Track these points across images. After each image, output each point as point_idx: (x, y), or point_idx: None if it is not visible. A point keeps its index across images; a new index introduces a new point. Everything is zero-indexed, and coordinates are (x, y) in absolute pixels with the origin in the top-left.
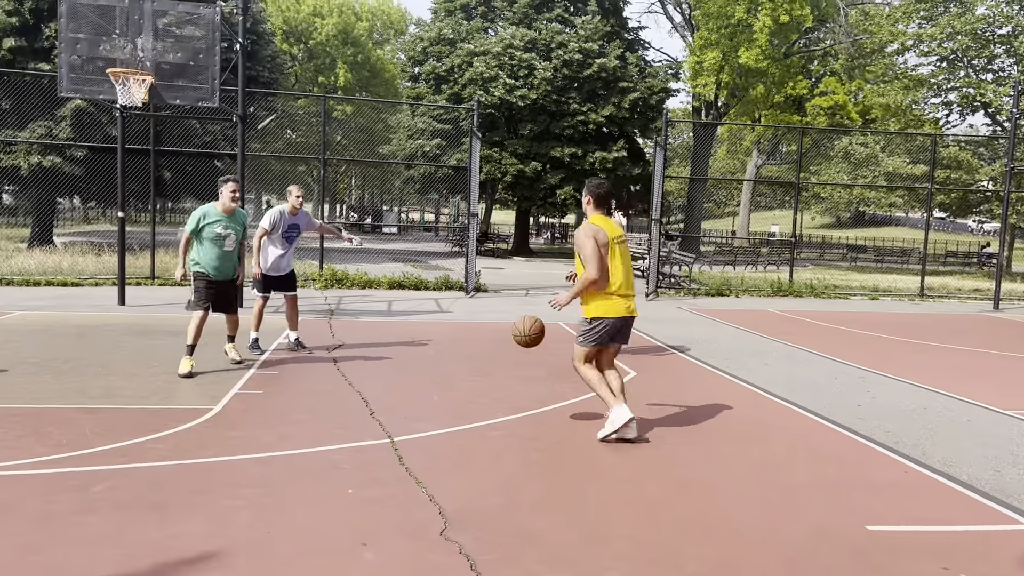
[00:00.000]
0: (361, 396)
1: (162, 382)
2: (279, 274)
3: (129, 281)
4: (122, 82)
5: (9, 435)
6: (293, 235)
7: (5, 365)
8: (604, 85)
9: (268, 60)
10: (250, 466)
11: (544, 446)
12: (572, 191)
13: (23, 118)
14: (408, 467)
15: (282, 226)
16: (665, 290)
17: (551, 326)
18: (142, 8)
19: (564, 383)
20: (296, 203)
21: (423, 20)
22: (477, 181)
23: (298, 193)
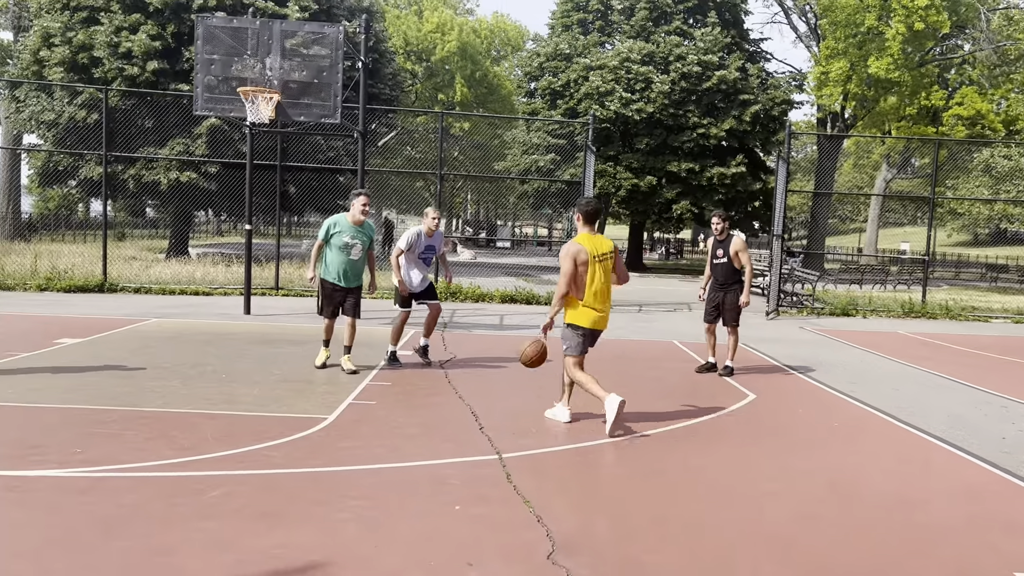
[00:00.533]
0: (471, 410)
1: (282, 390)
2: (419, 289)
3: (255, 291)
4: (251, 100)
5: (139, 437)
6: (429, 256)
7: (138, 369)
8: (724, 98)
9: (389, 78)
10: (360, 477)
11: (655, 469)
12: (689, 206)
13: (164, 136)
14: (516, 485)
15: (418, 247)
16: (787, 309)
17: (665, 344)
18: (271, 29)
19: (672, 403)
20: (432, 224)
21: (540, 36)
22: (592, 195)
23: (434, 215)
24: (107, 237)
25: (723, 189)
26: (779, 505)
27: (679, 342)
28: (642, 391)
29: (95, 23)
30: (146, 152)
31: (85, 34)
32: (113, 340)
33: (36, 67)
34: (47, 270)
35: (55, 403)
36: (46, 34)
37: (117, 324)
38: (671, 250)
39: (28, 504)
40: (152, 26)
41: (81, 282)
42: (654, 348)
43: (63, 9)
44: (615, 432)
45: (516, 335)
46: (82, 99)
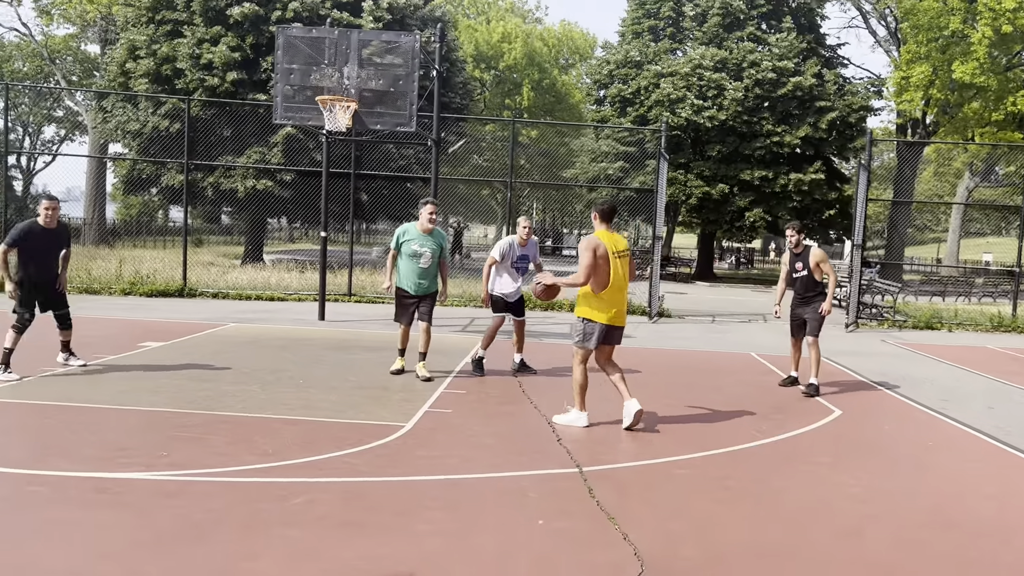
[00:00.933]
0: (548, 421)
1: (359, 397)
2: (511, 299)
3: (328, 297)
4: (329, 109)
5: (221, 441)
6: (523, 266)
7: (219, 373)
8: (799, 104)
9: (460, 87)
10: (440, 488)
11: (740, 487)
12: (762, 214)
13: (241, 145)
14: (598, 500)
15: (511, 257)
16: (866, 321)
17: (742, 356)
18: (349, 39)
19: (754, 418)
20: (524, 234)
21: (610, 43)
22: (663, 203)
23: (526, 224)
24: (187, 243)
25: (798, 197)
26: (878, 529)
27: (757, 354)
28: (721, 404)
29: (178, 36)
30: (225, 160)
31: (169, 46)
32: (193, 344)
33: (122, 79)
34: (131, 275)
35: (140, 406)
36: (132, 47)
37: (197, 328)
38: (741, 259)
39: (117, 506)
40: (232, 38)
41: (162, 287)
42: (731, 360)
43: (148, 23)
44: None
45: None
46: (165, 109)
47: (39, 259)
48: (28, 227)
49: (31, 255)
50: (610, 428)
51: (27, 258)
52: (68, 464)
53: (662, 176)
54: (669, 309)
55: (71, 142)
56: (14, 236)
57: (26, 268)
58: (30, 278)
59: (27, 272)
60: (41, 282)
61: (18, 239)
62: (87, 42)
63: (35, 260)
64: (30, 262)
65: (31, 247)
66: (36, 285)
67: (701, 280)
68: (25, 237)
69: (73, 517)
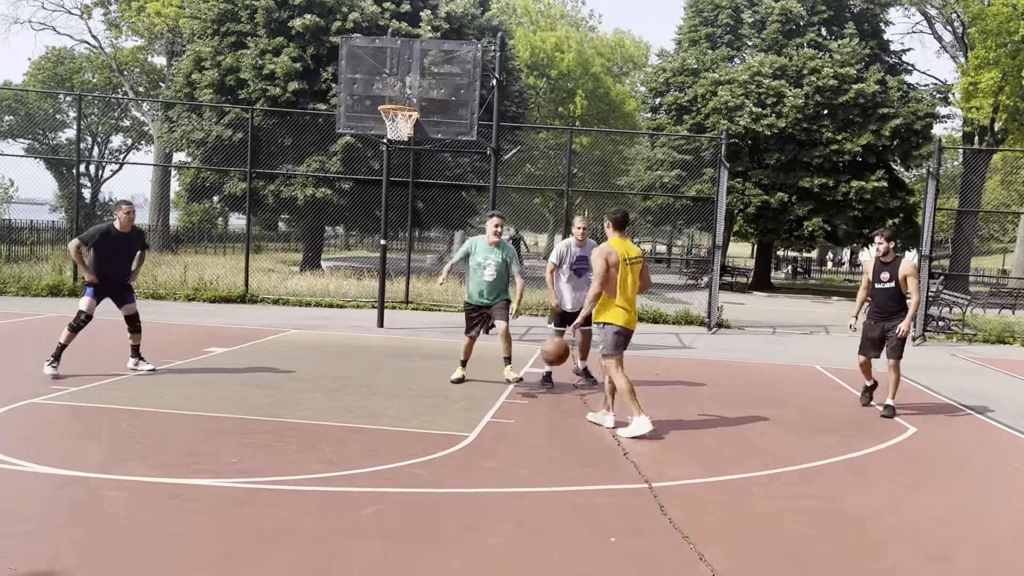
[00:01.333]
0: (612, 433)
1: (421, 405)
2: (570, 308)
3: (386, 304)
4: (391, 118)
5: (289, 448)
6: (583, 268)
7: (283, 380)
8: (861, 112)
9: (516, 95)
10: (506, 501)
11: (814, 506)
12: (821, 223)
13: (302, 154)
14: (671, 518)
15: (568, 259)
16: (933, 334)
17: (807, 369)
18: (411, 48)
19: (823, 434)
20: (579, 235)
21: (665, 51)
22: (723, 211)
23: (580, 224)
24: (249, 250)
25: (859, 206)
26: (965, 552)
27: (822, 367)
28: (788, 419)
29: (242, 47)
30: (285, 169)
31: (233, 57)
32: (257, 350)
33: (188, 89)
34: (195, 281)
35: (209, 411)
36: (198, 58)
37: (260, 334)
38: (799, 269)
39: (191, 513)
40: (293, 49)
41: (225, 293)
42: (796, 373)
43: (213, 35)
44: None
45: (645, 355)
46: (228, 119)
47: (113, 260)
48: (105, 229)
49: (105, 256)
50: (677, 443)
51: (102, 258)
52: (144, 469)
53: (722, 184)
54: (728, 320)
55: (137, 151)
56: (90, 235)
57: (101, 267)
58: (104, 277)
59: (101, 271)
60: (114, 282)
61: (92, 239)
62: (154, 54)
63: (109, 260)
64: (105, 262)
65: (106, 248)
66: (108, 284)
67: (758, 290)
68: (101, 239)
69: (150, 522)
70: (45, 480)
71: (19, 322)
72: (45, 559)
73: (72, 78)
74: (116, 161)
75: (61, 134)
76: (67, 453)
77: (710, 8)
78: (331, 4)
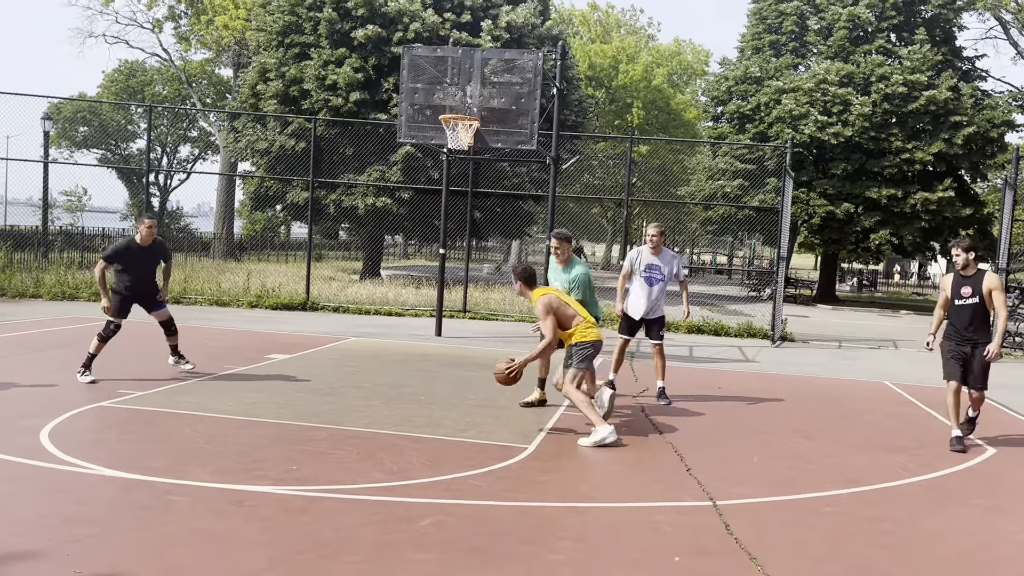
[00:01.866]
0: (674, 448)
1: (480, 415)
2: (637, 316)
3: (444, 313)
4: (452, 127)
5: (349, 456)
6: (654, 276)
7: (343, 387)
8: (932, 119)
9: (575, 105)
10: (567, 516)
11: (897, 531)
12: (888, 235)
13: (362, 163)
14: (737, 538)
15: (638, 266)
16: (1010, 351)
17: (876, 384)
18: (472, 57)
19: (895, 453)
20: (652, 242)
21: (728, 59)
22: (788, 222)
23: (652, 231)
24: (310, 258)
25: (927, 217)
26: None
27: (891, 383)
28: (858, 437)
29: (305, 58)
30: (347, 178)
31: (296, 68)
32: (317, 357)
33: (253, 100)
34: (257, 288)
35: (270, 418)
36: (263, 69)
37: (320, 342)
38: (864, 282)
39: (252, 520)
40: (355, 59)
41: (286, 300)
42: (864, 389)
43: (278, 46)
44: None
45: (708, 368)
46: (291, 129)
47: (137, 273)
48: (125, 244)
49: (129, 269)
50: (741, 459)
51: (126, 272)
52: (206, 474)
53: (787, 195)
54: (792, 333)
55: (204, 160)
56: (110, 253)
57: (126, 280)
58: (128, 289)
59: (125, 284)
60: (140, 292)
61: (113, 256)
62: (221, 66)
63: (133, 274)
64: (129, 275)
65: (129, 262)
66: (135, 294)
67: (823, 303)
68: (122, 254)
69: (212, 528)
70: (112, 483)
71: (91, 327)
72: (109, 563)
73: (144, 90)
74: (184, 170)
75: (132, 144)
76: (133, 457)
77: (775, 16)
78: (392, 15)
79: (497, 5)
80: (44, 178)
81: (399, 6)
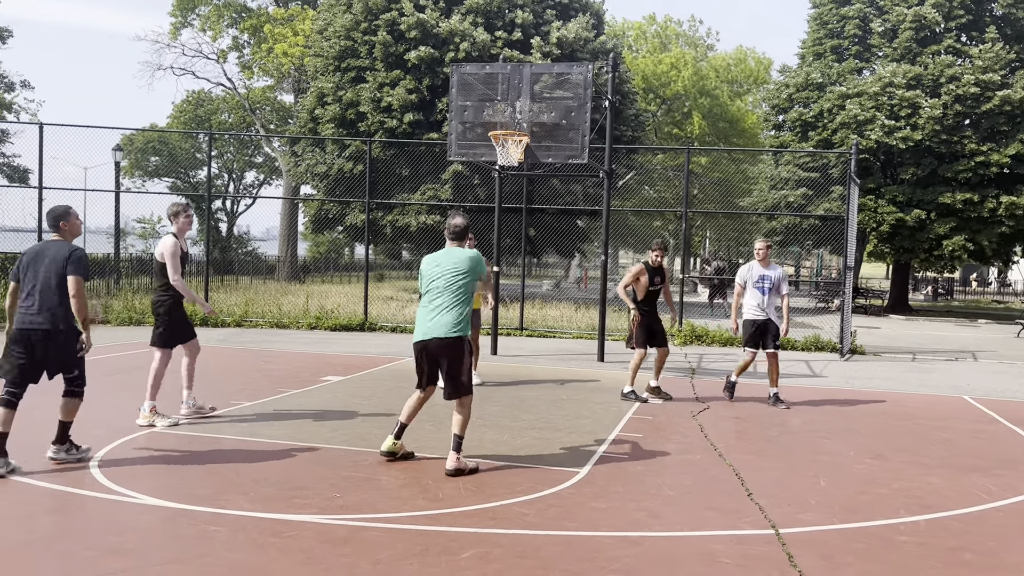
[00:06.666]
0: (734, 471)
1: (530, 437)
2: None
3: (500, 332)
4: (501, 144)
5: (394, 483)
6: (765, 286)
7: (394, 410)
8: (1008, 120)
9: (631, 119)
10: (618, 546)
11: (977, 565)
12: (963, 241)
13: (416, 183)
14: (802, 571)
15: (751, 278)
16: None
17: (954, 400)
18: (521, 73)
19: (978, 475)
20: (759, 255)
21: (788, 66)
22: (855, 231)
23: (760, 245)
24: (368, 279)
25: (1011, 222)
26: None
27: (970, 398)
28: (934, 458)
29: (361, 81)
30: (402, 198)
31: (353, 92)
32: (371, 379)
33: (312, 124)
34: (316, 310)
35: (318, 442)
36: (321, 94)
37: (375, 363)
38: (939, 290)
39: (290, 551)
40: (409, 81)
41: (345, 321)
42: (940, 404)
43: (335, 71)
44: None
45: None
46: (349, 151)
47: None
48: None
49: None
50: (807, 483)
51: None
52: (247, 503)
53: (853, 202)
54: (862, 345)
55: (268, 185)
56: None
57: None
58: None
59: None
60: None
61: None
62: (282, 92)
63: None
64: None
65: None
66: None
67: (895, 313)
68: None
69: (249, 561)
70: (153, 513)
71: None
72: None
73: (211, 118)
74: (250, 196)
75: (200, 172)
76: (178, 485)
77: (836, 20)
78: (444, 35)
79: (548, 21)
80: (115, 207)
81: (450, 26)
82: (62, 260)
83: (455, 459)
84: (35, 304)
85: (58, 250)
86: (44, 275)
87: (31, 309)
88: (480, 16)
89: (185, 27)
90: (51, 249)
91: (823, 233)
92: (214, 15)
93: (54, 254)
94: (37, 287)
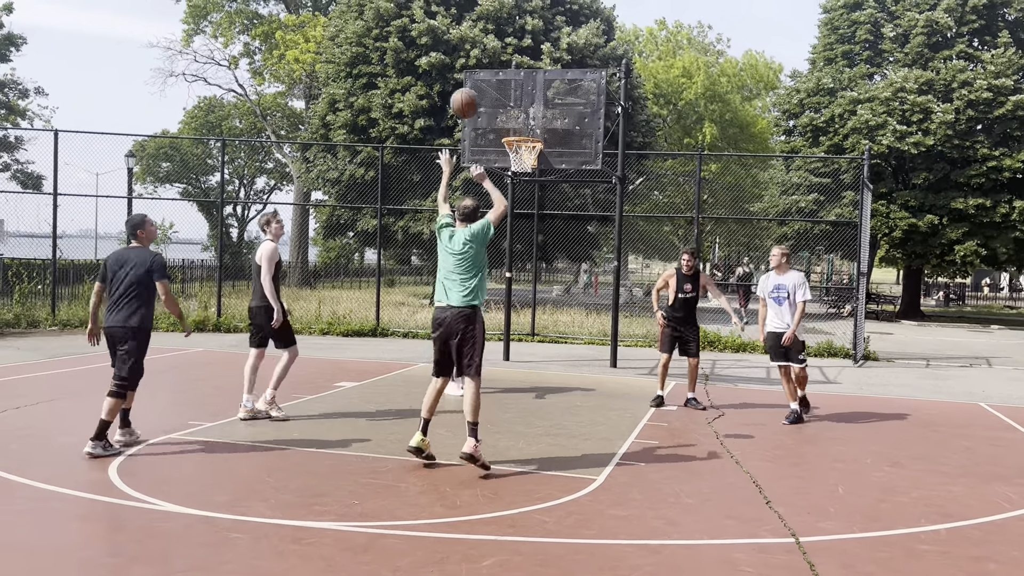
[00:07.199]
0: (751, 479)
1: (546, 444)
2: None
3: (511, 337)
4: (515, 150)
5: (412, 490)
6: (780, 296)
7: (408, 416)
8: (1021, 125)
9: (643, 125)
10: (638, 554)
11: (1002, 573)
12: (976, 247)
13: (428, 189)
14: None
15: (767, 288)
16: None
17: (970, 407)
18: (535, 79)
19: (998, 483)
20: (775, 263)
21: (799, 71)
22: (867, 236)
23: (775, 252)
24: (380, 284)
25: (1023, 227)
26: None
27: (987, 404)
28: (953, 465)
29: (373, 87)
30: (413, 204)
31: (364, 98)
32: (385, 384)
33: (323, 130)
34: (328, 315)
35: (334, 449)
36: (332, 100)
37: (388, 368)
38: (951, 295)
39: (310, 559)
40: (421, 86)
41: (357, 326)
42: (956, 411)
43: (347, 77)
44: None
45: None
46: (360, 158)
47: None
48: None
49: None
50: (825, 491)
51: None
52: (268, 510)
53: (865, 208)
54: (875, 351)
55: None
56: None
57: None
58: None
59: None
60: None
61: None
62: (293, 98)
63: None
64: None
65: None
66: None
67: (907, 319)
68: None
69: (270, 569)
70: (174, 520)
71: (167, 357)
72: None
73: (222, 124)
74: (260, 201)
75: (211, 178)
76: (197, 491)
77: (847, 25)
78: (455, 42)
79: (558, 27)
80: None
81: (461, 32)
82: (146, 266)
83: (472, 444)
84: (121, 305)
85: (140, 256)
86: (128, 279)
87: (116, 310)
88: (491, 22)
89: (197, 34)
90: (133, 255)
91: (835, 238)
92: (226, 22)
93: (136, 260)
94: (120, 290)
